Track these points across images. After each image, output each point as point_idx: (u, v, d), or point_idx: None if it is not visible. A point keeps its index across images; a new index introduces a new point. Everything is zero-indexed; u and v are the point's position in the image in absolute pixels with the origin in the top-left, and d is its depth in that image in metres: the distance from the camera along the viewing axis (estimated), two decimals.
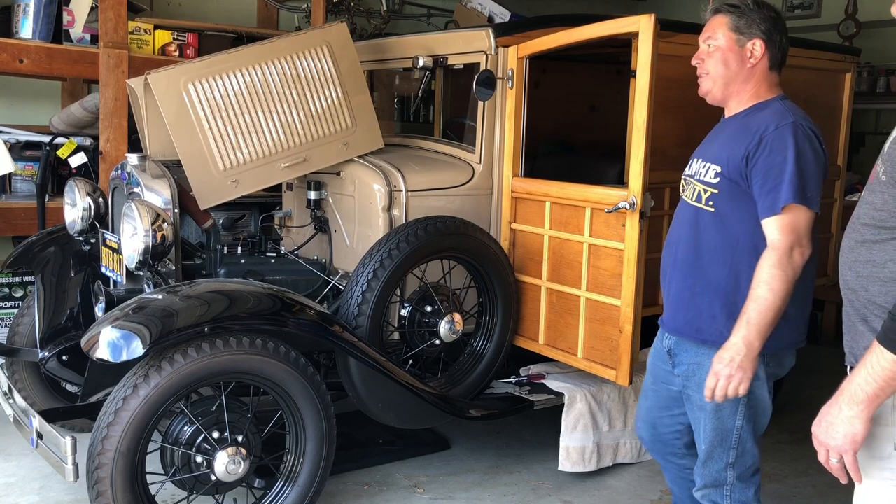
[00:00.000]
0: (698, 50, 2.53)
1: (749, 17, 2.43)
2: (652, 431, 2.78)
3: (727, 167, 2.38)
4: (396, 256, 3.31)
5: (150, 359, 2.76)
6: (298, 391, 3.01)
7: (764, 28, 2.42)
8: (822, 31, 6.74)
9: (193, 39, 4.99)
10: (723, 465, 2.50)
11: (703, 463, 2.54)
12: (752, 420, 2.47)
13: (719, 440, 2.48)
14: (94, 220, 3.72)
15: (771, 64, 2.46)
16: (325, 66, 3.70)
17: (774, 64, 2.47)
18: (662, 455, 2.81)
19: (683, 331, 2.50)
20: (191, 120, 3.47)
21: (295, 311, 3.08)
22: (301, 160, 3.69)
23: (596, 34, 3.31)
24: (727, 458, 2.49)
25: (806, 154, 2.29)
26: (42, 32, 4.63)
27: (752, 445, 2.50)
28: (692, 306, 2.47)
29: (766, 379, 2.44)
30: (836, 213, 4.59)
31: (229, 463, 2.90)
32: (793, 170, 2.26)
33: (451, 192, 3.80)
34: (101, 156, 4.62)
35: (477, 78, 3.60)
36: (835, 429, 1.65)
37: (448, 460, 3.96)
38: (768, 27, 2.43)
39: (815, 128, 2.36)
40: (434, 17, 7.10)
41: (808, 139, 2.31)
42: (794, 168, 2.26)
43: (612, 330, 3.35)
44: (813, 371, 4.79)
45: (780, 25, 2.46)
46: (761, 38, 2.42)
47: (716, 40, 2.46)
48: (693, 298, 2.48)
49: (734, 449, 2.47)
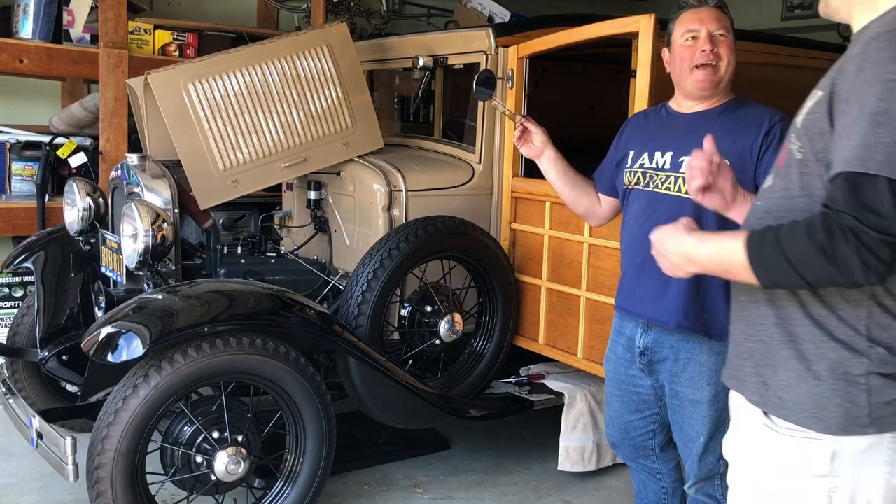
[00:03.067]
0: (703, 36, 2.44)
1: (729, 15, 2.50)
2: (623, 436, 2.76)
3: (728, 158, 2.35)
4: (396, 256, 3.31)
5: (150, 359, 2.76)
6: (298, 391, 3.01)
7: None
8: (822, 31, 6.73)
9: (193, 39, 4.99)
10: (717, 455, 2.49)
11: (700, 456, 2.53)
12: None
13: (715, 430, 2.47)
14: (94, 220, 3.72)
15: None
16: (325, 66, 3.70)
17: None
18: (634, 459, 2.80)
19: (693, 327, 2.44)
20: (191, 120, 3.46)
21: (295, 311, 3.08)
22: (301, 160, 3.69)
23: (596, 34, 3.31)
24: (720, 449, 2.48)
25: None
26: (42, 32, 4.63)
27: None
28: (698, 301, 2.42)
29: None
30: None
31: (229, 463, 2.90)
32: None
33: (451, 192, 3.79)
34: (101, 156, 4.62)
35: (477, 78, 3.59)
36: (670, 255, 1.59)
37: (448, 460, 3.96)
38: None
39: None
40: (434, 17, 7.10)
41: None
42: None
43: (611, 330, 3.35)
44: None
45: None
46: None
47: (724, 31, 2.45)
48: (699, 293, 2.41)
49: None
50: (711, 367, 2.43)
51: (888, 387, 1.37)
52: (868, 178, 1.25)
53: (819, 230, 1.28)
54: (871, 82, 1.30)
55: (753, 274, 1.38)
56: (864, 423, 1.37)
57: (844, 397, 1.38)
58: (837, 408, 1.39)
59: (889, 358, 1.36)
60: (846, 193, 1.27)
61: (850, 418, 1.38)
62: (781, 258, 1.33)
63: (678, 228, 1.59)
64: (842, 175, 1.29)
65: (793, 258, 1.31)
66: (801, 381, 1.43)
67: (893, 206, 1.24)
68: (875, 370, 1.37)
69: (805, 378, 1.42)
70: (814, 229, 1.29)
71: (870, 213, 1.25)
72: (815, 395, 1.40)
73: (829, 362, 1.40)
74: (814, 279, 1.31)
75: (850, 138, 1.30)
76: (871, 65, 1.32)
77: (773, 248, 1.34)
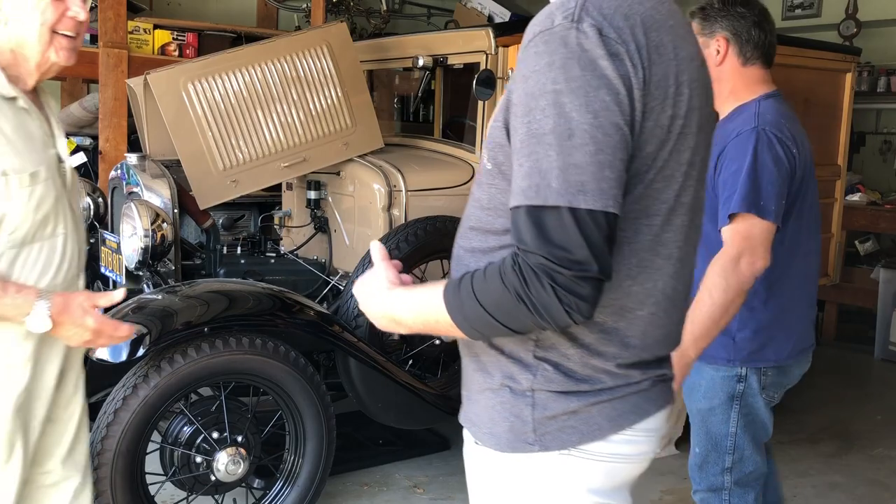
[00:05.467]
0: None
1: (711, 16, 2.33)
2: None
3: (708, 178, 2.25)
4: (396, 256, 3.31)
5: (149, 359, 2.75)
6: (298, 391, 3.00)
7: (726, 24, 2.31)
8: (822, 31, 6.74)
9: (193, 39, 4.98)
10: (719, 469, 2.46)
11: (700, 466, 2.51)
12: (748, 428, 2.41)
13: (712, 445, 2.43)
14: (93, 220, 3.72)
15: (744, 60, 2.33)
16: (325, 66, 3.70)
17: (749, 59, 2.33)
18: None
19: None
20: (190, 120, 3.46)
21: (295, 311, 3.08)
22: (301, 160, 3.69)
23: None
24: (723, 464, 2.44)
25: (764, 162, 2.16)
26: None
27: (752, 452, 2.44)
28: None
29: (759, 390, 2.36)
30: (836, 213, 4.59)
31: (229, 463, 2.90)
32: (745, 179, 2.14)
33: (451, 192, 3.79)
34: (101, 156, 4.61)
35: (477, 78, 3.59)
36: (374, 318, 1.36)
37: (448, 460, 3.96)
38: (732, 23, 2.31)
39: (784, 131, 2.23)
40: (434, 16, 7.10)
41: (769, 146, 2.18)
42: (748, 177, 2.15)
43: None
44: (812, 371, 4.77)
45: (753, 19, 2.32)
46: (723, 35, 2.31)
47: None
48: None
49: (730, 454, 2.42)
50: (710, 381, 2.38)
51: (553, 401, 1.27)
52: (548, 210, 1.12)
53: (512, 277, 1.14)
54: (535, 95, 1.15)
55: (465, 335, 1.24)
56: (529, 440, 1.28)
57: (511, 411, 1.29)
58: (505, 421, 1.30)
59: (555, 375, 1.27)
60: (530, 230, 1.13)
61: (516, 434, 1.29)
62: (484, 313, 1.18)
63: (380, 284, 1.33)
64: (521, 209, 1.15)
65: (496, 314, 1.17)
66: (481, 396, 1.35)
67: (581, 237, 1.11)
68: (540, 387, 1.27)
69: (484, 392, 1.34)
70: (507, 277, 1.15)
71: (558, 249, 1.11)
72: (489, 408, 1.32)
73: (500, 377, 1.30)
74: (520, 328, 1.19)
75: (522, 164, 1.16)
76: (532, 73, 1.16)
77: (473, 304, 1.19)
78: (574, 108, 1.12)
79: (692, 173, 1.29)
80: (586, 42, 1.14)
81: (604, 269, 1.13)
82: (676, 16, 1.29)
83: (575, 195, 1.11)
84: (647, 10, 1.22)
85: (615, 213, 1.14)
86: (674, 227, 1.28)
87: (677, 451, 4.02)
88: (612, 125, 1.13)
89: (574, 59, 1.13)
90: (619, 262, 1.22)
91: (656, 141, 1.20)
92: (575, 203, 1.11)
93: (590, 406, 1.27)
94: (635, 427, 1.30)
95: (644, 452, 1.34)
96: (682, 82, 1.22)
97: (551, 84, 1.13)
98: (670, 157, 1.23)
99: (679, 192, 1.27)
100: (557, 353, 1.27)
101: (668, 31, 1.23)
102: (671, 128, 1.21)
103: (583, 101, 1.12)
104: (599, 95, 1.13)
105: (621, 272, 1.24)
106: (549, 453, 1.28)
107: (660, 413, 1.35)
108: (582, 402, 1.27)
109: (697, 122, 1.27)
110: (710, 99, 1.33)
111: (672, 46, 1.23)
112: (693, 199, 1.31)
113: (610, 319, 1.26)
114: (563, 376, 1.27)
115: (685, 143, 1.25)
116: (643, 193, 1.22)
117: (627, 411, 1.29)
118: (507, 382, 1.30)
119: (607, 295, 1.21)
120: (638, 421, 1.30)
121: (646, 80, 1.16)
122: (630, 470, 1.35)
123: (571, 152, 1.12)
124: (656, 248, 1.27)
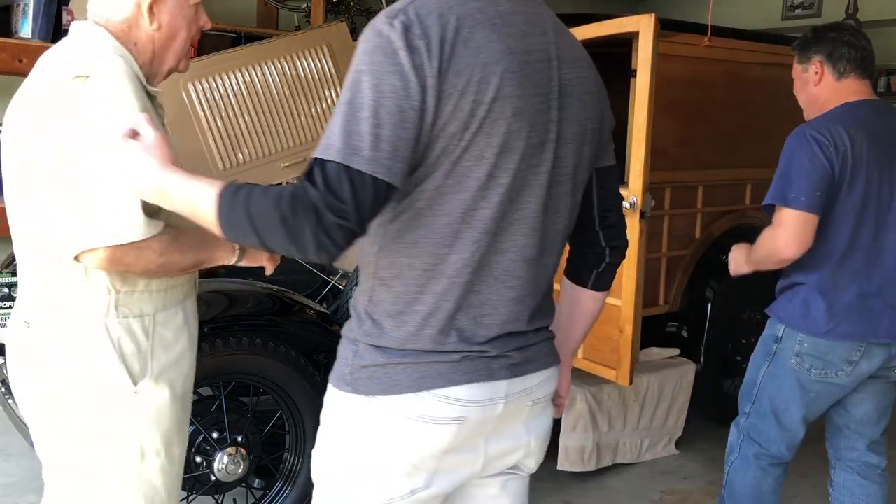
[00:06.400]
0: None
1: (806, 45, 2.61)
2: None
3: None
4: None
5: None
6: (298, 391, 3.01)
7: (819, 49, 2.57)
8: None
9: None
10: (745, 408, 2.67)
11: (741, 395, 2.71)
12: (772, 384, 2.56)
13: (746, 386, 2.66)
14: None
15: (838, 76, 2.53)
16: (325, 66, 3.70)
17: (844, 73, 2.53)
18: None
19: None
20: (191, 120, 3.47)
21: (295, 311, 3.08)
22: (301, 160, 3.69)
23: (596, 34, 3.31)
24: (746, 406, 2.66)
25: (798, 158, 2.38)
26: (42, 32, 4.62)
27: (769, 421, 2.59)
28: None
29: (792, 354, 2.49)
30: None
31: (229, 463, 2.90)
32: (779, 174, 2.40)
33: None
34: None
35: None
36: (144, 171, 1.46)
37: None
38: (823, 46, 2.56)
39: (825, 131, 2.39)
40: None
41: (806, 143, 2.38)
42: (781, 172, 2.40)
43: (612, 330, 3.35)
44: None
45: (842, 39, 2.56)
46: (817, 59, 2.55)
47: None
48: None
49: (752, 403, 2.63)
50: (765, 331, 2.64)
51: (368, 353, 1.45)
52: (331, 164, 1.29)
53: (285, 202, 1.29)
54: (350, 72, 1.35)
55: (220, 230, 1.37)
56: (347, 381, 1.46)
57: (343, 354, 1.50)
58: (339, 361, 1.50)
59: (373, 330, 1.45)
60: (319, 175, 1.30)
61: (340, 374, 1.48)
62: (247, 221, 1.32)
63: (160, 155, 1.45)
64: (315, 160, 1.33)
65: (257, 224, 1.31)
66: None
67: (351, 192, 1.28)
68: (362, 339, 1.46)
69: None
70: (281, 200, 1.29)
71: (332, 196, 1.28)
72: (340, 349, 1.52)
73: (348, 326, 1.51)
74: (274, 247, 1.34)
75: (327, 126, 1.36)
76: (355, 55, 1.37)
77: (242, 209, 1.33)
78: (368, 87, 1.30)
79: (512, 157, 1.40)
80: (393, 35, 1.32)
81: (361, 223, 1.31)
82: (510, 16, 1.41)
83: (350, 156, 1.28)
84: (469, 10, 1.37)
85: (386, 182, 1.30)
86: (490, 203, 1.40)
87: (677, 450, 4.02)
88: (395, 106, 1.30)
89: (381, 48, 1.32)
90: (433, 231, 1.40)
91: (458, 123, 1.34)
92: (349, 162, 1.28)
93: (395, 364, 1.43)
94: (438, 392, 1.43)
95: (456, 418, 1.44)
96: (491, 73, 1.35)
97: (359, 65, 1.33)
98: (475, 138, 1.36)
99: (492, 171, 1.38)
100: (380, 311, 1.46)
101: (487, 28, 1.37)
102: (474, 112, 1.35)
103: (376, 83, 1.30)
104: (391, 80, 1.30)
105: (436, 240, 1.40)
106: (359, 396, 1.45)
107: (473, 385, 1.44)
108: (390, 358, 1.43)
109: (513, 109, 1.38)
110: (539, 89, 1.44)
111: (485, 41, 1.36)
112: (520, 182, 1.42)
113: (428, 284, 1.43)
114: (379, 332, 1.45)
115: (496, 128, 1.37)
116: (452, 170, 1.37)
117: (430, 376, 1.43)
118: (346, 332, 1.51)
119: (423, 259, 1.41)
120: (439, 388, 1.43)
121: (441, 70, 1.32)
122: (440, 432, 1.45)
123: (357, 122, 1.29)
124: (470, 221, 1.40)
